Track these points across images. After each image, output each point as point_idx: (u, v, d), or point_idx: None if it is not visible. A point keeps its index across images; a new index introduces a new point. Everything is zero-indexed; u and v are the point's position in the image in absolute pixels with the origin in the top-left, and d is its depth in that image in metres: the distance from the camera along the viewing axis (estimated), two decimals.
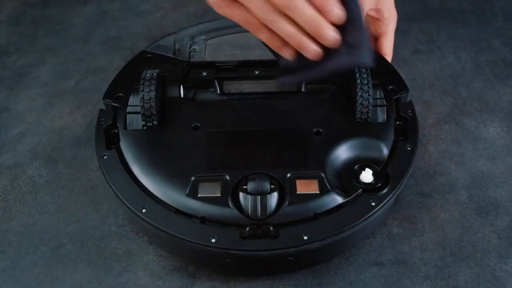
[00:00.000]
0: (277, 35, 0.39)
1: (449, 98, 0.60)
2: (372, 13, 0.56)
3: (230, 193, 0.43)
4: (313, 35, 0.38)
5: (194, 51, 0.56)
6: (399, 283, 0.44)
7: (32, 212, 0.50)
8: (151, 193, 0.44)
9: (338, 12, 0.38)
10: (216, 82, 0.52)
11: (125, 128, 0.48)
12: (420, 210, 0.49)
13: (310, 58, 0.39)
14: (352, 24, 0.38)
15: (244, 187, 0.43)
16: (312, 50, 0.39)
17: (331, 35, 0.38)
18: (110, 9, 0.76)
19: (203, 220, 0.42)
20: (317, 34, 0.38)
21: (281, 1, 0.37)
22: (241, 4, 0.38)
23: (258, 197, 0.42)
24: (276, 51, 0.41)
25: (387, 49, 0.56)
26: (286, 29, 0.38)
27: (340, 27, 0.38)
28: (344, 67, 0.39)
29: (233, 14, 0.39)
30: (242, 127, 0.48)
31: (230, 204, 0.42)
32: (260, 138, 0.47)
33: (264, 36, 0.40)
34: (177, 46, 0.57)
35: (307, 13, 0.37)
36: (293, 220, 0.42)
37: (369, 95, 0.47)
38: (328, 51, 0.39)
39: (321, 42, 0.39)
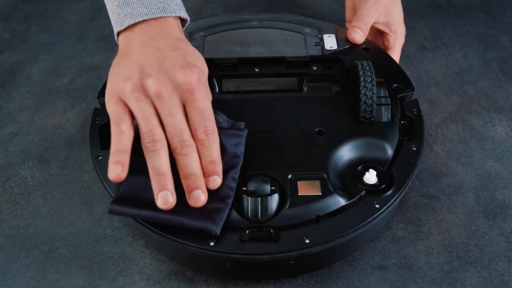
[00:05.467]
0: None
1: (455, 97, 0.60)
2: (381, 27, 0.57)
3: None
4: (184, 185, 0.38)
5: None
6: None
7: (24, 214, 0.49)
8: None
9: (219, 182, 0.39)
10: (215, 80, 0.52)
11: None
12: (425, 212, 0.49)
13: (158, 204, 0.38)
14: (220, 195, 0.39)
15: (244, 188, 0.42)
16: (166, 199, 0.38)
17: (201, 200, 0.38)
18: (105, 4, 0.75)
19: None
20: (188, 188, 0.38)
21: (169, 124, 0.38)
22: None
23: (259, 199, 0.41)
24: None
25: None
26: (158, 163, 0.38)
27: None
28: (182, 226, 0.39)
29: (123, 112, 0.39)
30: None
31: None
32: (260, 138, 0.46)
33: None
34: None
35: (192, 165, 0.38)
36: (294, 223, 0.41)
37: (373, 93, 0.47)
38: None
39: (187, 197, 0.38)
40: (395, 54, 0.58)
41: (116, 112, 0.39)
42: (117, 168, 0.38)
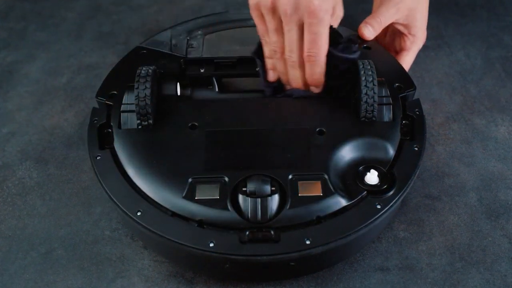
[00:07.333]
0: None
1: (458, 96, 0.60)
2: (400, 27, 0.56)
3: (229, 195, 0.42)
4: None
5: (192, 47, 0.55)
6: None
7: (22, 215, 0.49)
8: (147, 195, 0.43)
9: (316, 91, 0.49)
10: (214, 79, 0.52)
11: (119, 127, 0.47)
12: (427, 213, 0.49)
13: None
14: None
15: (244, 189, 0.42)
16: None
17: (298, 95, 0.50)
18: (103, 2, 0.75)
19: (201, 223, 0.41)
20: (294, 85, 0.50)
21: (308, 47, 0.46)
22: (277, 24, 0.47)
23: (259, 200, 0.41)
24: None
25: (405, 65, 0.56)
26: (279, 67, 0.49)
27: None
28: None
29: (262, 23, 0.48)
30: (242, 126, 0.47)
31: (229, 207, 0.41)
32: (261, 138, 0.46)
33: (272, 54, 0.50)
34: (173, 42, 0.56)
35: (294, 78, 0.49)
36: (295, 224, 0.41)
37: (374, 93, 0.46)
38: None
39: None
40: (409, 57, 0.57)
41: (262, 29, 0.49)
42: (272, 73, 0.50)
